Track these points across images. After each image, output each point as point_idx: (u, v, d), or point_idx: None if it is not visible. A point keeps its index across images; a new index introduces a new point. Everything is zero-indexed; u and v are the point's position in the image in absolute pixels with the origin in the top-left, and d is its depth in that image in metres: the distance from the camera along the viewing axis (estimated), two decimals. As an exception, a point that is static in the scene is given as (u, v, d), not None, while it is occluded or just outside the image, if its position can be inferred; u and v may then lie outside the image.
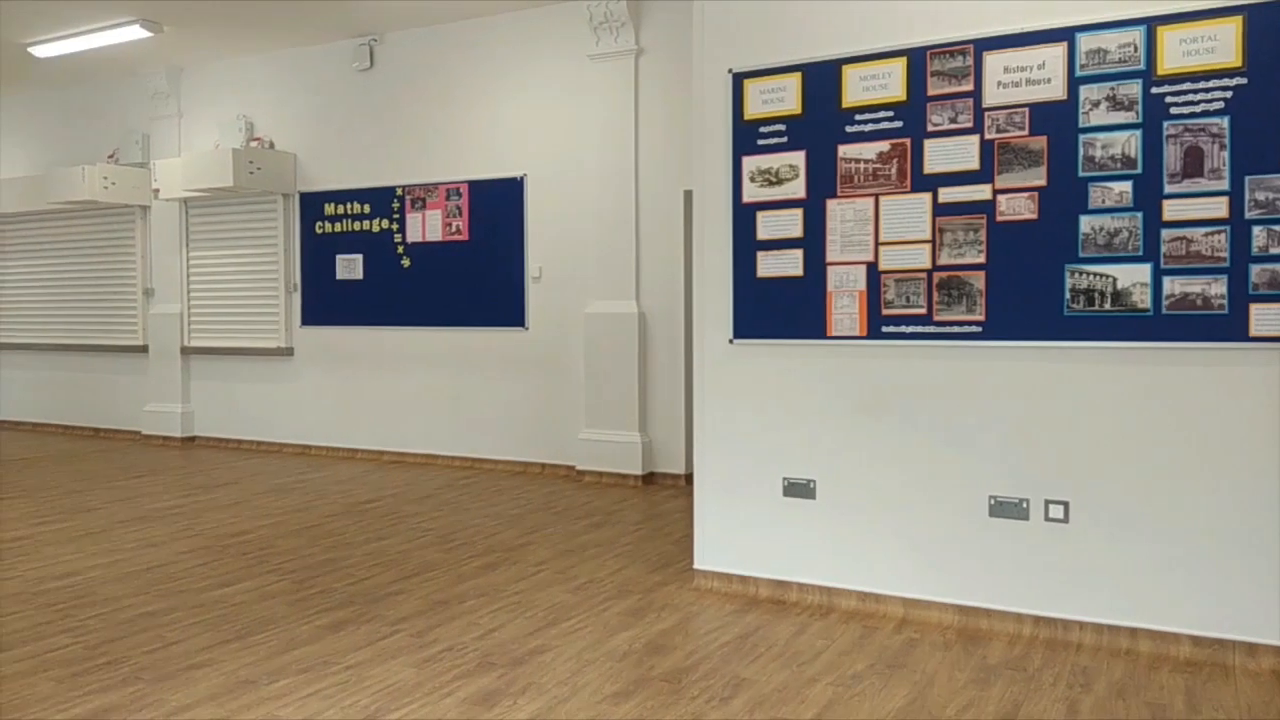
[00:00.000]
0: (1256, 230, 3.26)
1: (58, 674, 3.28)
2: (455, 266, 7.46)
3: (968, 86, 3.67)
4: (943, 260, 3.74)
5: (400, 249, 7.70)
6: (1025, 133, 3.58)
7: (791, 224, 4.02)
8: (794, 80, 4.00)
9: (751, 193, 4.10)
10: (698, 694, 3.10)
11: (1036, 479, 3.62)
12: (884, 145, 3.83)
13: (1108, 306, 3.47)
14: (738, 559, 4.18)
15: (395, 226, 7.72)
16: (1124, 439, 3.48)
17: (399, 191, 7.68)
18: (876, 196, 3.85)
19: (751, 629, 3.72)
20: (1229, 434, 3.33)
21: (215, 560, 4.73)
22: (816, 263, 3.97)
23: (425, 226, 7.58)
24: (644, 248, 6.74)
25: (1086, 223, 3.50)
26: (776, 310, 4.06)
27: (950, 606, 3.77)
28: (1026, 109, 3.58)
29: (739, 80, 4.11)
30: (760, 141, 4.07)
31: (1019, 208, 3.60)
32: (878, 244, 3.85)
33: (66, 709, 2.99)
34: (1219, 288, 3.30)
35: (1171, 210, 3.37)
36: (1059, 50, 3.52)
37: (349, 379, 8.05)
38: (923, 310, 3.78)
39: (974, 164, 3.67)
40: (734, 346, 4.17)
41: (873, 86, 3.84)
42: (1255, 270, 3.26)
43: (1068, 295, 3.53)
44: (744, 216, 4.11)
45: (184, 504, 6.10)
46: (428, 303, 7.60)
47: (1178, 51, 3.35)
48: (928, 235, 3.76)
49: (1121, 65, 3.43)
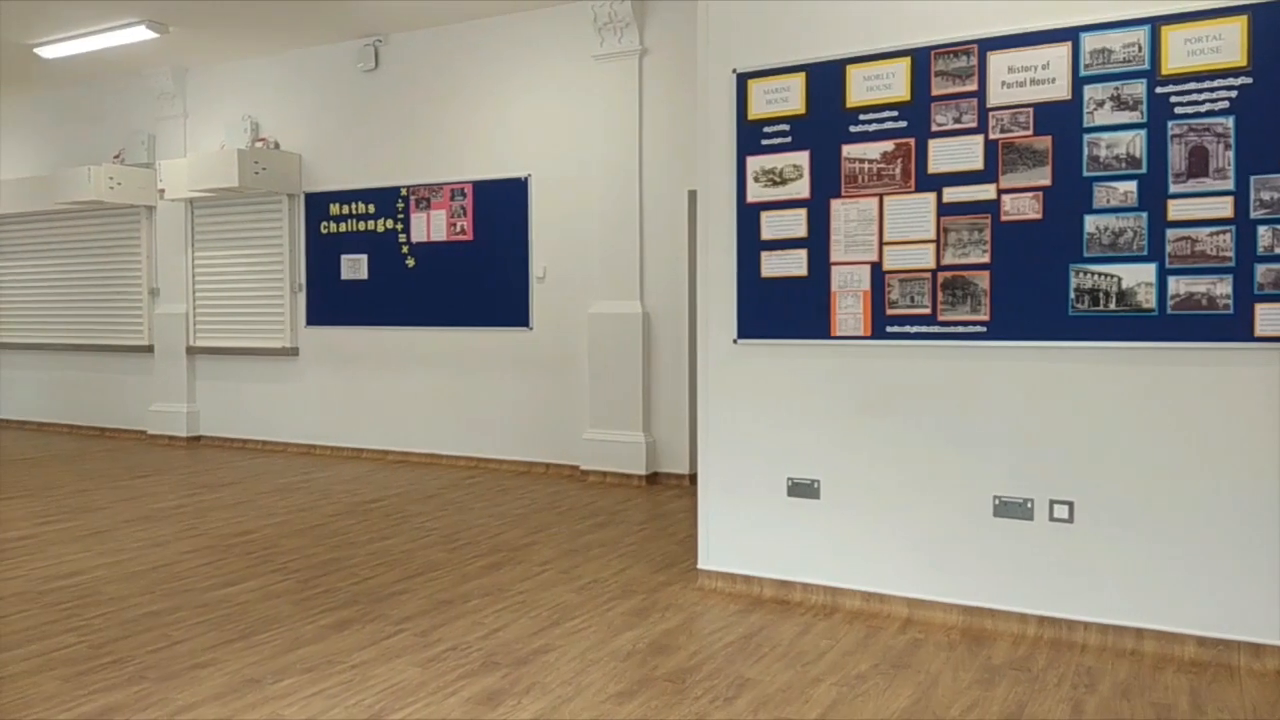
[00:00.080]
0: (1262, 230, 3.25)
1: (63, 673, 3.29)
2: (460, 267, 7.47)
3: (972, 86, 3.67)
4: (947, 260, 3.73)
5: (405, 249, 7.71)
6: (1030, 133, 3.58)
7: (796, 224, 4.02)
8: (798, 80, 4.00)
9: (756, 193, 4.10)
10: (702, 694, 3.10)
11: (1041, 479, 3.62)
12: (888, 145, 3.83)
13: (1112, 306, 3.46)
14: (742, 559, 4.18)
15: (400, 227, 7.73)
16: (1129, 439, 3.48)
17: (404, 192, 7.69)
18: (881, 196, 3.85)
19: (755, 629, 3.72)
20: (1234, 434, 3.32)
21: (220, 560, 4.74)
22: (820, 263, 3.97)
23: (430, 227, 7.59)
24: (648, 248, 6.74)
25: (1091, 222, 3.49)
26: (781, 310, 4.05)
27: (955, 606, 3.76)
28: (1031, 109, 3.58)
29: (743, 80, 4.11)
30: (764, 141, 4.07)
31: (1023, 207, 3.60)
32: (882, 244, 3.85)
33: (72, 708, 3.00)
34: (1224, 288, 3.30)
35: (1176, 210, 3.36)
36: (1063, 50, 3.52)
37: (354, 379, 8.07)
38: (927, 310, 3.78)
39: (978, 164, 3.67)
40: (738, 346, 4.17)
41: (877, 86, 3.84)
42: (1260, 270, 3.25)
43: (1072, 295, 3.53)
44: (748, 216, 4.11)
45: (189, 503, 6.12)
46: (432, 303, 7.61)
47: (1182, 51, 3.34)
48: (932, 235, 3.76)
49: (1126, 65, 3.43)
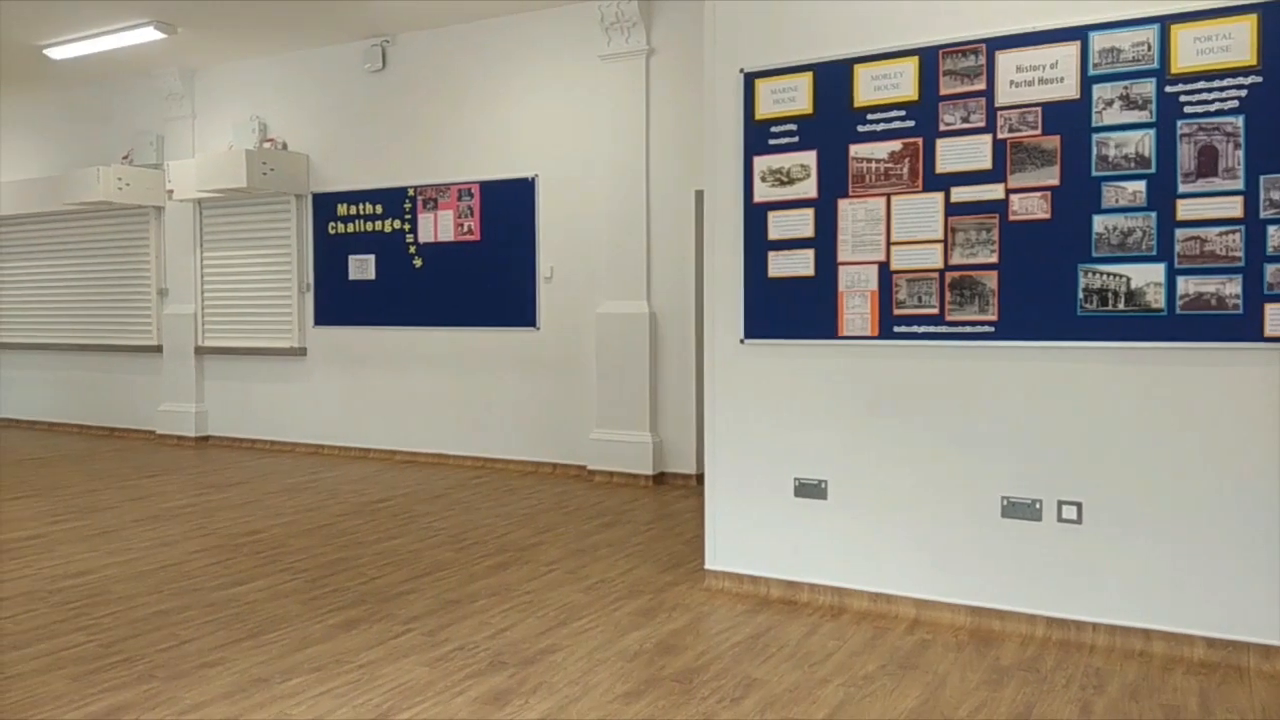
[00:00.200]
0: (1272, 230, 3.23)
1: (72, 671, 3.30)
2: (467, 267, 7.48)
3: (980, 86, 3.66)
4: (955, 260, 3.73)
5: (412, 249, 7.72)
6: (1038, 132, 3.57)
7: (803, 224, 4.01)
8: (805, 80, 3.99)
9: (763, 192, 4.09)
10: (709, 694, 3.10)
11: (1049, 479, 3.61)
12: (896, 145, 3.82)
13: (1121, 306, 3.45)
14: (749, 559, 4.17)
15: (407, 227, 7.74)
16: (1138, 439, 3.46)
17: (411, 192, 7.71)
18: (888, 196, 3.84)
19: (763, 629, 3.72)
20: (1244, 435, 3.30)
21: (228, 559, 4.76)
22: (828, 263, 3.96)
23: (437, 227, 7.60)
24: (655, 248, 6.74)
25: (1100, 222, 3.48)
26: (788, 310, 4.05)
27: (962, 607, 3.75)
28: (1039, 108, 3.57)
29: (750, 80, 4.11)
30: (771, 141, 4.06)
31: (1032, 207, 3.59)
32: (889, 244, 3.84)
33: (81, 706, 3.01)
34: (1234, 288, 3.28)
35: (1186, 210, 3.35)
36: (1072, 49, 3.51)
37: (361, 379, 8.08)
38: (935, 310, 3.77)
39: (986, 163, 3.66)
40: (745, 346, 4.17)
41: (884, 86, 3.83)
42: (1270, 270, 3.23)
43: (1081, 295, 3.51)
44: (755, 216, 4.11)
45: (197, 503, 6.13)
46: (439, 303, 7.62)
47: (1192, 50, 3.33)
48: (940, 235, 3.75)
49: (1135, 64, 3.41)
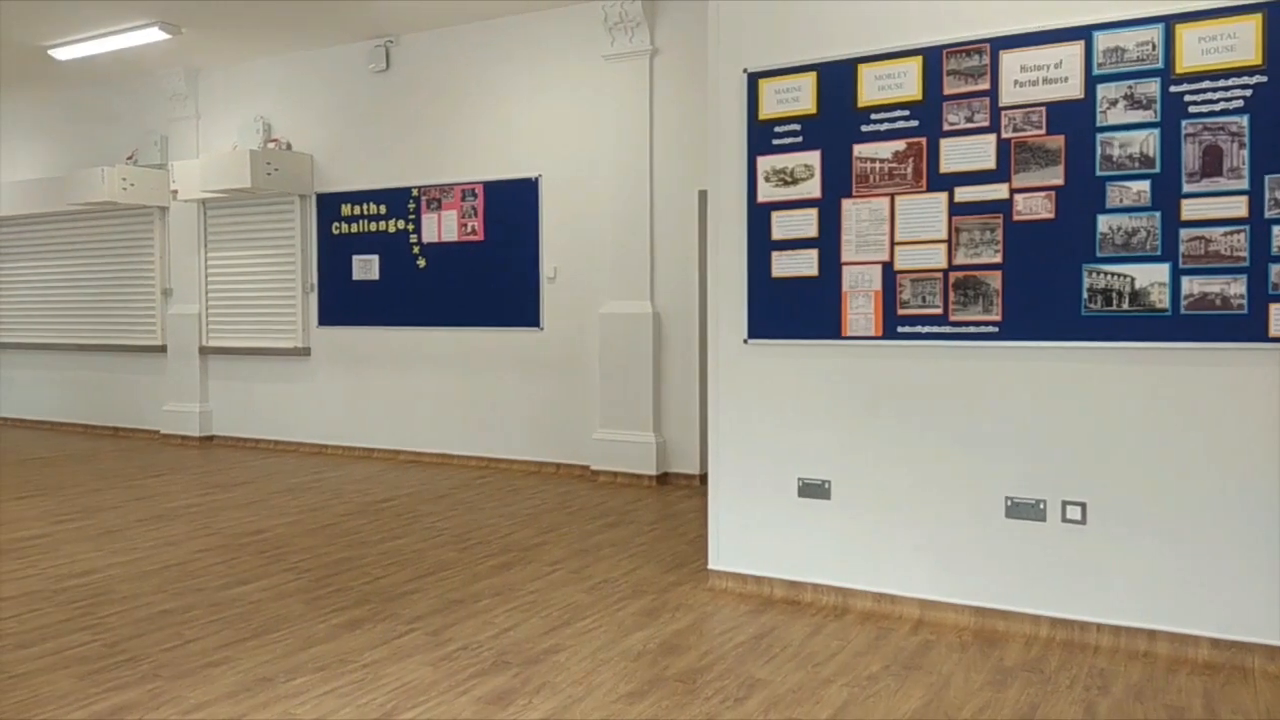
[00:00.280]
0: (1276, 230, 3.23)
1: (77, 671, 3.31)
2: (470, 267, 7.48)
3: (984, 85, 3.66)
4: (959, 260, 3.72)
5: (416, 249, 7.73)
6: (1042, 132, 3.57)
7: (806, 224, 4.01)
8: (809, 80, 3.99)
9: (766, 192, 4.09)
10: (712, 694, 3.10)
11: (1053, 480, 3.60)
12: (900, 144, 3.82)
13: (1126, 306, 3.45)
14: (752, 559, 4.17)
15: (411, 227, 7.74)
16: (1142, 440, 3.46)
17: (415, 192, 7.71)
18: (892, 196, 3.84)
19: (766, 629, 3.72)
20: (1249, 435, 3.30)
21: (232, 559, 4.76)
22: (831, 263, 3.96)
23: (441, 227, 7.60)
24: (659, 248, 6.74)
25: (1104, 222, 3.48)
26: (791, 310, 4.05)
27: (966, 608, 3.75)
28: (1043, 108, 3.56)
29: (754, 80, 4.11)
30: (775, 141, 4.06)
31: (1036, 207, 3.59)
32: (893, 244, 3.84)
33: (85, 705, 3.02)
34: (1238, 288, 3.28)
35: (1190, 210, 3.34)
36: (1076, 49, 3.50)
37: (365, 379, 8.09)
38: (939, 310, 3.77)
39: (990, 163, 3.65)
40: (749, 346, 4.16)
41: (888, 86, 3.83)
42: (1275, 270, 3.23)
43: (1085, 295, 3.51)
44: (759, 216, 4.11)
45: (201, 503, 6.14)
46: (443, 303, 7.63)
47: (1196, 50, 3.32)
48: (944, 235, 3.75)
49: (1140, 64, 3.41)
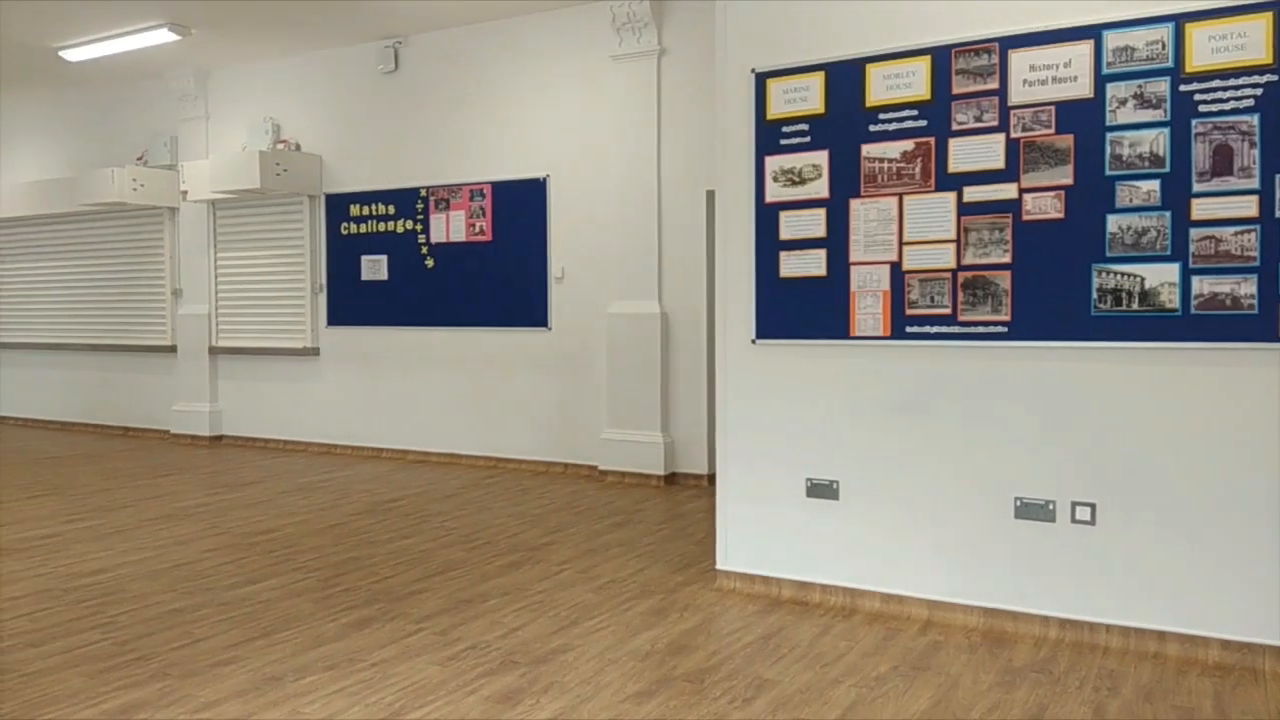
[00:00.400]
0: (1287, 229, 3.21)
1: (87, 669, 3.32)
2: (479, 267, 7.49)
3: (993, 85, 3.65)
4: (968, 260, 3.71)
5: (424, 250, 7.74)
6: (1051, 131, 3.56)
7: (814, 224, 4.01)
8: (817, 79, 3.99)
9: (774, 192, 4.09)
10: (720, 694, 3.10)
11: (1063, 480, 3.59)
12: (908, 144, 3.81)
13: (1135, 306, 3.44)
14: (760, 560, 4.17)
15: (419, 227, 7.76)
16: (1151, 440, 3.45)
17: (423, 192, 7.73)
18: (900, 196, 3.83)
19: (774, 630, 3.71)
20: (1259, 436, 3.28)
21: (242, 558, 4.78)
22: (840, 263, 3.96)
23: (449, 227, 7.61)
24: (666, 248, 6.74)
25: (1114, 222, 3.46)
26: (799, 310, 4.04)
27: (975, 608, 3.74)
28: (1052, 107, 3.55)
29: (762, 80, 4.10)
30: (783, 141, 4.06)
31: (1045, 207, 3.58)
32: (901, 244, 3.83)
33: (96, 704, 3.03)
34: (1249, 287, 3.26)
35: (1200, 209, 3.33)
36: (1085, 48, 3.49)
37: (373, 379, 8.10)
38: (947, 310, 3.76)
39: (999, 163, 3.65)
40: (756, 347, 4.16)
41: (897, 85, 3.82)
42: (1286, 269, 3.21)
43: (1095, 295, 3.50)
44: (767, 216, 4.11)
45: (211, 502, 6.16)
46: (451, 303, 7.64)
47: (1206, 49, 3.31)
48: (952, 235, 3.74)
49: (1149, 63, 3.40)
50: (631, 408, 6.79)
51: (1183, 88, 3.35)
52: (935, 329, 3.78)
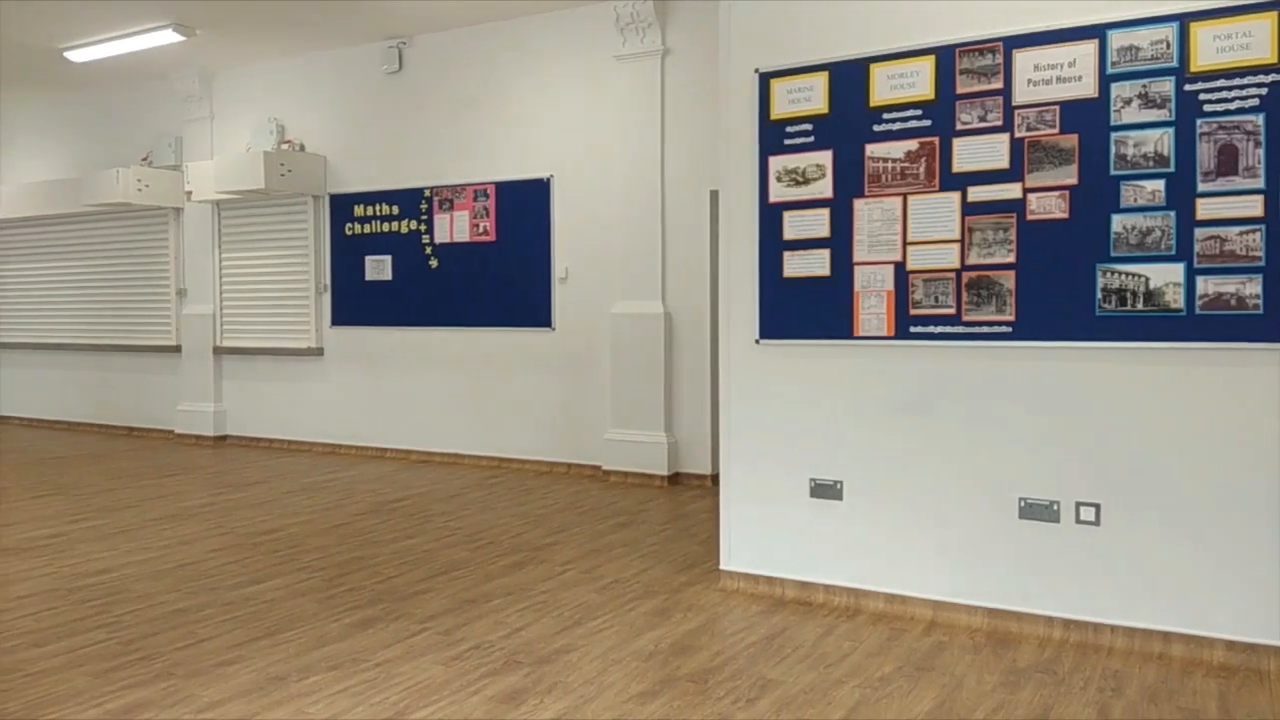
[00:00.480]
0: (1293, 229, 3.20)
1: (92, 669, 3.33)
2: (483, 267, 7.49)
3: (997, 85, 3.64)
4: (972, 260, 3.71)
5: (428, 250, 7.75)
6: (1056, 131, 3.55)
7: (818, 224, 4.00)
8: (821, 79, 3.98)
9: (778, 192, 4.09)
10: (724, 694, 3.10)
11: (1067, 481, 3.58)
12: (912, 144, 3.80)
13: (1140, 306, 3.43)
14: (764, 560, 4.16)
15: (423, 228, 7.76)
16: (1156, 441, 3.44)
17: (427, 193, 7.73)
18: (904, 196, 3.83)
19: (778, 630, 3.71)
20: (1264, 436, 3.27)
21: (246, 558, 4.78)
22: (843, 262, 3.95)
23: (453, 227, 7.62)
24: (670, 248, 6.74)
25: (1118, 222, 3.46)
26: (803, 310, 4.04)
27: (979, 609, 3.74)
28: (1057, 107, 3.55)
29: (765, 80, 4.10)
30: (787, 141, 4.06)
31: (1049, 207, 3.57)
32: (905, 244, 3.83)
33: (100, 703, 3.04)
34: (1254, 287, 3.25)
35: (1205, 209, 3.32)
36: (1090, 48, 3.48)
37: (377, 379, 8.11)
38: (951, 310, 3.75)
39: (1004, 163, 3.64)
40: (760, 347, 4.16)
41: (901, 85, 3.82)
42: (1291, 269, 3.20)
43: (1099, 295, 3.49)
44: (770, 216, 4.10)
45: (215, 502, 6.17)
46: (455, 303, 7.64)
47: (1211, 48, 3.30)
48: (956, 235, 3.73)
49: (1154, 62, 3.39)
50: (635, 408, 6.79)
51: (1187, 87, 3.34)
52: (939, 329, 3.78)
